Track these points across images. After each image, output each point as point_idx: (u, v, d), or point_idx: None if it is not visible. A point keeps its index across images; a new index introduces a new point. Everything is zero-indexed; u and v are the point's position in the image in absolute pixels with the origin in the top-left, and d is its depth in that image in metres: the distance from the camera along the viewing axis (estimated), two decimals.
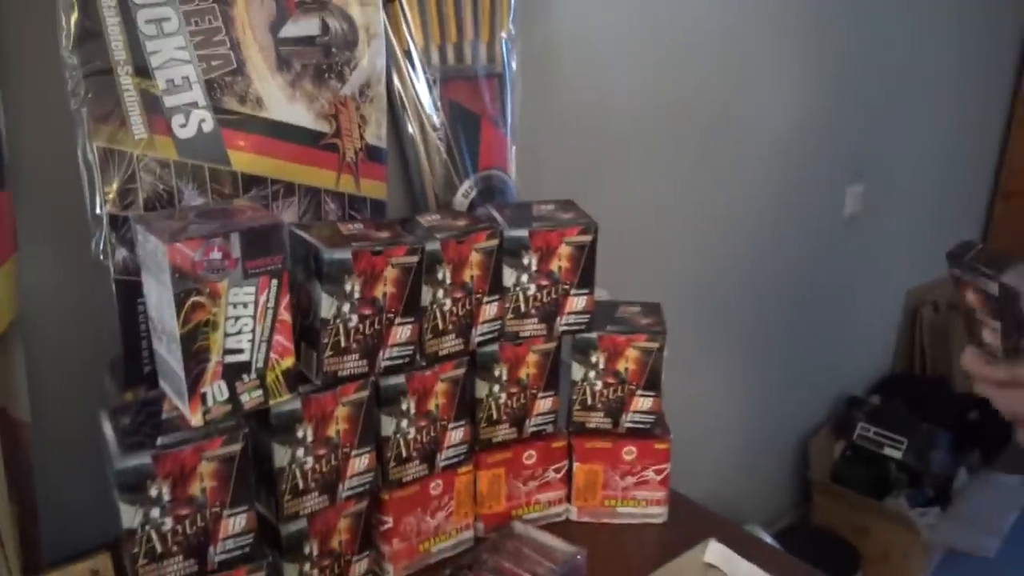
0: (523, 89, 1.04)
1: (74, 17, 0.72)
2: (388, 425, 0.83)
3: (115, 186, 0.74)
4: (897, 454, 1.80)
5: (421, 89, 0.96)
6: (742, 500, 1.75)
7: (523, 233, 0.86)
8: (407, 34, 0.94)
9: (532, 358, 0.91)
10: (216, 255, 0.67)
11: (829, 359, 1.87)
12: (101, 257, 0.75)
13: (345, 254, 0.74)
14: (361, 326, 0.77)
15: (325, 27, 0.86)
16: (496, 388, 0.90)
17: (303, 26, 0.85)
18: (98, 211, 0.74)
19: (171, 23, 0.77)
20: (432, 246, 0.81)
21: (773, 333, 1.70)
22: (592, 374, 0.93)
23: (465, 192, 1.00)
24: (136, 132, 0.75)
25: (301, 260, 0.76)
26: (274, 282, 0.70)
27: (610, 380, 0.93)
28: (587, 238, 0.88)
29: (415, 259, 0.78)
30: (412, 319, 0.80)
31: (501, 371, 0.90)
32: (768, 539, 1.59)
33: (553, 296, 0.89)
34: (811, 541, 1.75)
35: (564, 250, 0.88)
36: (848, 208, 1.73)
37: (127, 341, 0.77)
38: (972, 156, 2.04)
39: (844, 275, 1.81)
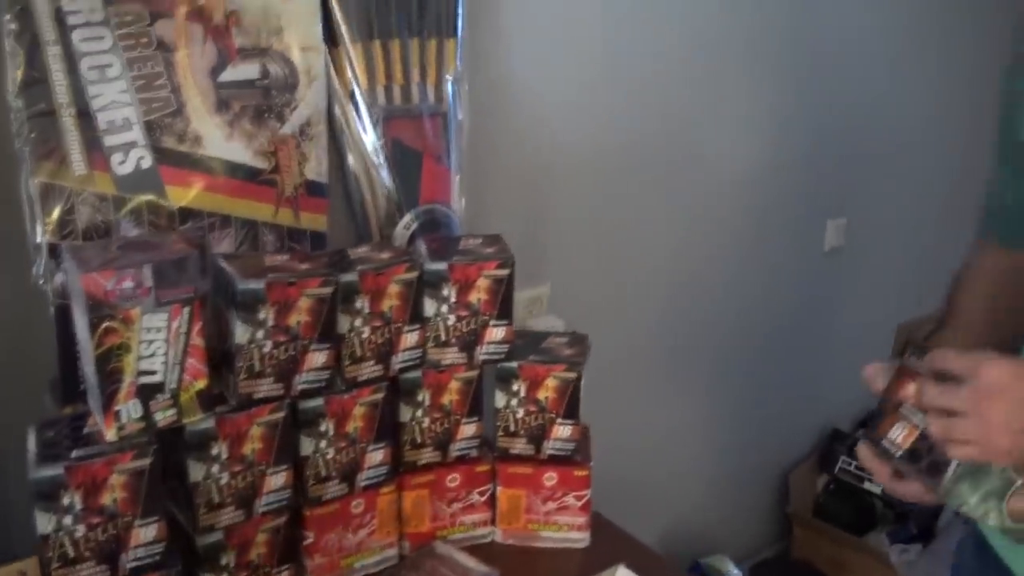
0: (471, 125, 1.09)
1: (21, 67, 0.79)
2: (307, 445, 0.88)
3: (55, 217, 0.81)
4: (878, 489, 1.80)
5: (365, 127, 1.02)
6: (722, 533, 1.76)
7: (442, 266, 0.91)
8: (351, 76, 1.00)
9: (454, 385, 0.95)
10: (128, 284, 0.73)
11: (813, 393, 1.87)
12: (41, 282, 0.82)
13: (259, 284, 0.80)
14: (275, 352, 0.82)
15: (265, 71, 0.93)
16: (419, 413, 0.95)
17: (243, 71, 0.91)
18: (39, 240, 0.81)
19: (113, 69, 0.84)
20: (349, 278, 0.86)
21: (754, 366, 1.71)
22: (514, 402, 0.97)
23: (406, 225, 1.05)
24: (76, 168, 0.82)
25: (222, 289, 0.82)
26: (186, 310, 0.76)
27: (531, 408, 0.97)
28: (504, 272, 0.92)
29: (329, 290, 0.84)
30: (328, 346, 0.85)
31: (424, 397, 0.94)
32: (734, 570, 1.60)
33: (473, 326, 0.93)
34: (786, 575, 1.76)
35: (483, 283, 0.92)
36: (829, 242, 1.74)
37: (63, 361, 0.83)
38: (961, 186, 2.04)
39: (827, 308, 1.82)
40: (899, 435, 0.70)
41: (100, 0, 0.83)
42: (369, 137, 1.02)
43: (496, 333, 0.94)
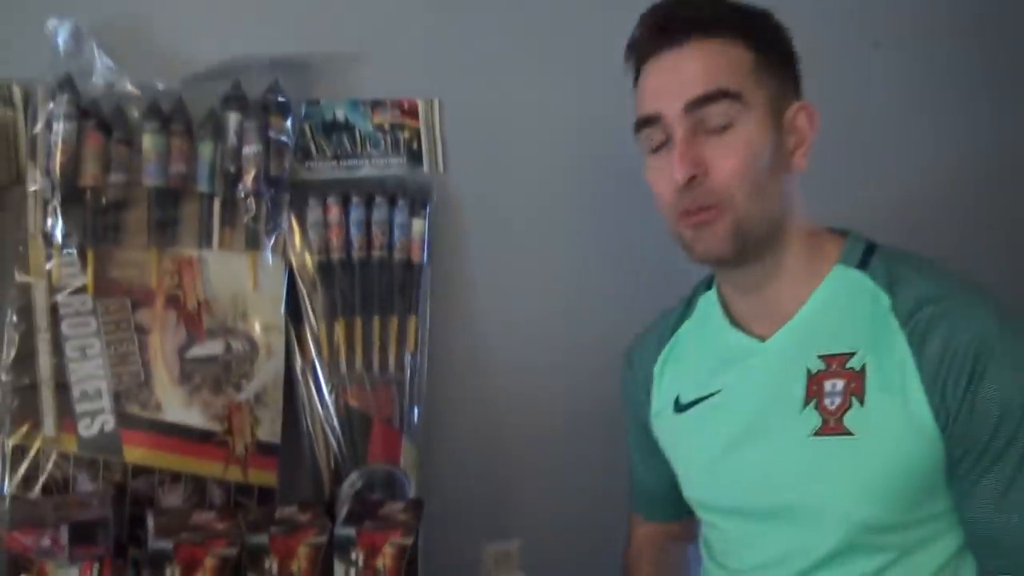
0: (429, 391, 1.21)
1: (14, 349, 0.99)
2: None
3: (20, 473, 0.97)
4: None
5: (323, 394, 1.15)
6: None
7: (351, 532, 1.00)
8: (313, 349, 1.15)
9: None
10: (46, 542, 0.86)
11: None
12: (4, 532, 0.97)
13: (167, 544, 0.91)
14: None
15: (228, 347, 1.09)
16: None
17: (208, 347, 1.08)
18: (4, 492, 0.97)
19: (94, 349, 1.02)
20: (258, 539, 0.96)
21: None
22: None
23: (352, 483, 1.15)
24: (47, 431, 0.99)
25: (144, 543, 0.95)
26: (95, 566, 0.88)
27: None
28: (408, 541, 1.00)
29: (235, 551, 0.94)
30: None
31: None
32: None
33: None
34: None
35: (388, 549, 1.00)
36: None
37: None
38: None
39: None
40: None
41: (91, 296, 1.02)
42: (326, 402, 1.15)
43: None
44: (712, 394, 0.94)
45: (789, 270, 0.88)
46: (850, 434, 0.82)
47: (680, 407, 0.98)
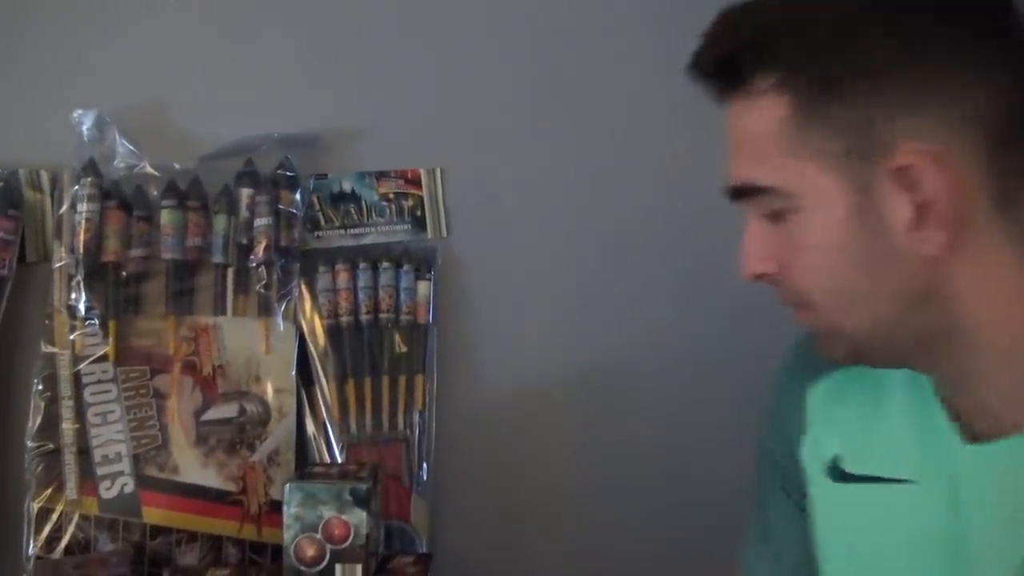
0: (440, 447, 1.24)
1: (40, 417, 1.04)
2: None
3: (44, 535, 1.02)
4: None
5: (333, 453, 1.19)
6: None
7: None
8: (324, 410, 1.19)
9: None
10: None
11: None
12: None
13: None
14: None
15: (242, 410, 1.14)
16: None
17: (223, 410, 1.13)
18: (30, 553, 1.02)
19: (114, 415, 1.08)
20: None
21: None
22: None
23: None
24: (69, 494, 1.04)
25: None
26: None
27: None
28: None
29: None
30: None
31: None
32: None
33: None
34: None
35: None
36: None
37: None
38: None
39: None
40: None
41: (112, 364, 1.08)
42: (335, 461, 1.19)
43: None
44: (899, 481, 0.63)
45: (999, 373, 0.57)
46: None
47: (840, 474, 0.66)
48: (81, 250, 1.07)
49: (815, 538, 0.69)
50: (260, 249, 1.15)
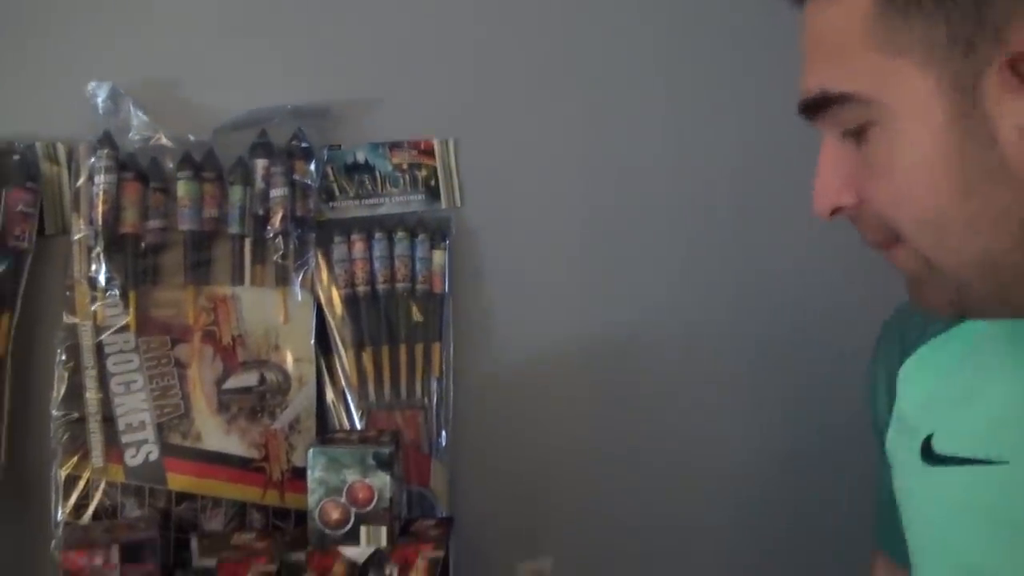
0: (457, 414, 1.26)
1: (64, 386, 1.05)
2: None
3: (72, 502, 1.03)
4: None
5: (353, 420, 1.20)
6: None
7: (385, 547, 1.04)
8: (343, 378, 1.20)
9: None
10: (98, 562, 0.92)
11: None
12: (56, 554, 1.02)
13: (211, 562, 0.97)
14: None
15: (263, 379, 1.15)
16: None
17: (244, 379, 1.14)
18: (59, 519, 1.03)
19: (137, 384, 1.09)
20: (296, 556, 1.01)
21: None
22: None
23: None
24: (95, 461, 1.05)
25: (188, 565, 1.00)
26: None
27: None
28: (439, 553, 1.04)
29: (274, 567, 0.99)
30: None
31: None
32: None
33: None
34: None
35: (420, 563, 1.04)
36: None
37: None
38: None
39: None
40: None
41: (133, 334, 1.09)
42: (355, 428, 1.20)
43: None
44: (992, 462, 0.55)
45: None
46: None
47: (932, 456, 0.59)
48: (100, 222, 1.08)
49: (907, 520, 0.63)
50: (276, 219, 1.15)
